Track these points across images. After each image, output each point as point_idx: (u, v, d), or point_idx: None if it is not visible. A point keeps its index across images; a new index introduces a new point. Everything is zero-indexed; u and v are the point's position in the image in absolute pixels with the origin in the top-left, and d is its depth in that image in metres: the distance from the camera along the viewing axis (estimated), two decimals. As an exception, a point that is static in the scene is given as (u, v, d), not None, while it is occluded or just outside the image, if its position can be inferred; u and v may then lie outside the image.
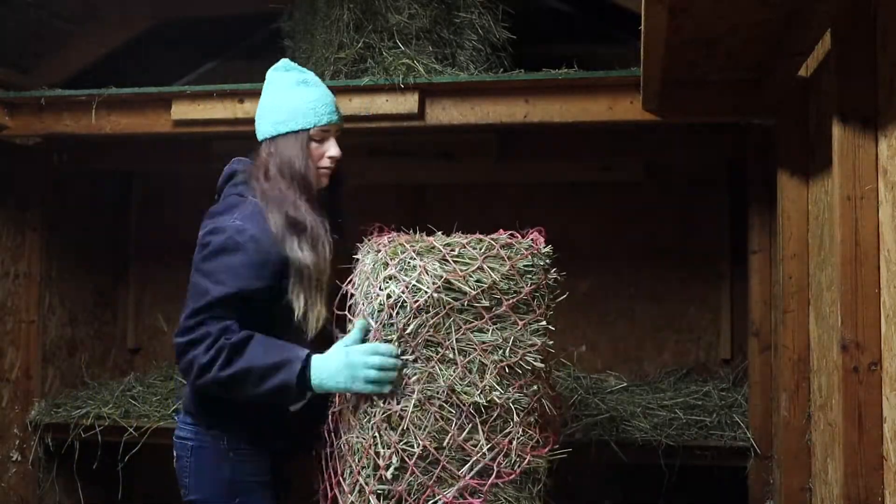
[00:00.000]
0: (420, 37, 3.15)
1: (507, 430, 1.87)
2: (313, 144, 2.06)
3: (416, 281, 1.84)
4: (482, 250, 1.90)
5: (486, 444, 1.84)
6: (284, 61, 2.18)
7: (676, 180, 3.87)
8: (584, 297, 3.93)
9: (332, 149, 2.09)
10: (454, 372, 1.84)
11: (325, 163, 2.09)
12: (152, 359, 4.23)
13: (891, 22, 1.76)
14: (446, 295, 1.84)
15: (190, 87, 3.05)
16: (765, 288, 3.05)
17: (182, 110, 3.04)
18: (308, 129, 2.05)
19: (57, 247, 3.75)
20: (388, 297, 1.85)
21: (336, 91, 2.90)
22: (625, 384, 3.70)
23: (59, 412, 3.52)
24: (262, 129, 2.10)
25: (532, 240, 2.00)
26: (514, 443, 1.87)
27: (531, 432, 1.90)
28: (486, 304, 1.86)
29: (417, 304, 1.83)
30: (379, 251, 1.95)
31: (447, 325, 1.85)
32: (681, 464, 3.10)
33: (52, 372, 3.73)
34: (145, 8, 3.77)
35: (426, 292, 1.83)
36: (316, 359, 1.88)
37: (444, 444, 1.83)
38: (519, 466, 1.87)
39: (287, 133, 2.05)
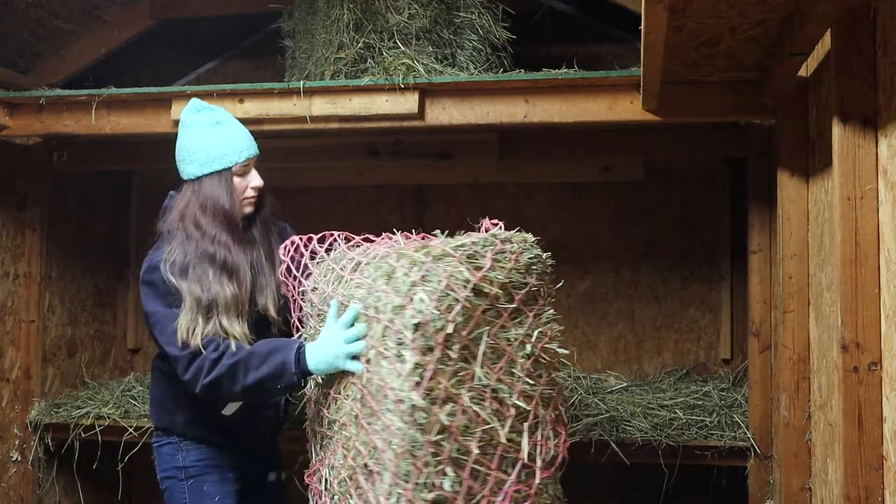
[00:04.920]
0: (420, 37, 3.15)
1: (538, 424, 1.88)
2: (236, 179, 2.26)
3: (446, 288, 1.79)
4: (489, 249, 1.88)
5: (528, 443, 1.84)
6: (195, 102, 2.32)
7: (676, 180, 3.87)
8: (584, 297, 3.94)
9: (254, 179, 2.28)
10: (491, 374, 1.82)
11: (249, 193, 2.29)
12: (152, 359, 4.23)
13: (891, 22, 1.76)
14: (475, 298, 1.81)
15: (190, 87, 3.05)
16: (765, 288, 3.05)
17: (182, 110, 3.04)
18: (230, 168, 2.23)
19: (57, 247, 3.75)
20: (420, 310, 1.77)
21: (336, 91, 2.94)
22: (625, 384, 3.70)
23: (59, 412, 3.52)
24: (187, 171, 2.28)
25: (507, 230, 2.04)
26: (551, 440, 1.89)
27: (557, 425, 1.93)
28: (505, 301, 1.86)
29: (453, 312, 1.78)
30: (372, 259, 1.95)
31: (480, 328, 1.82)
32: (681, 464, 3.10)
33: (52, 372, 3.73)
34: (145, 8, 3.78)
35: (457, 300, 1.78)
36: (308, 345, 2.04)
37: (490, 445, 1.81)
38: (557, 462, 1.90)
39: (211, 173, 2.23)
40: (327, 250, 2.22)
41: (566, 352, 1.96)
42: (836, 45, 1.92)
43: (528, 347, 1.87)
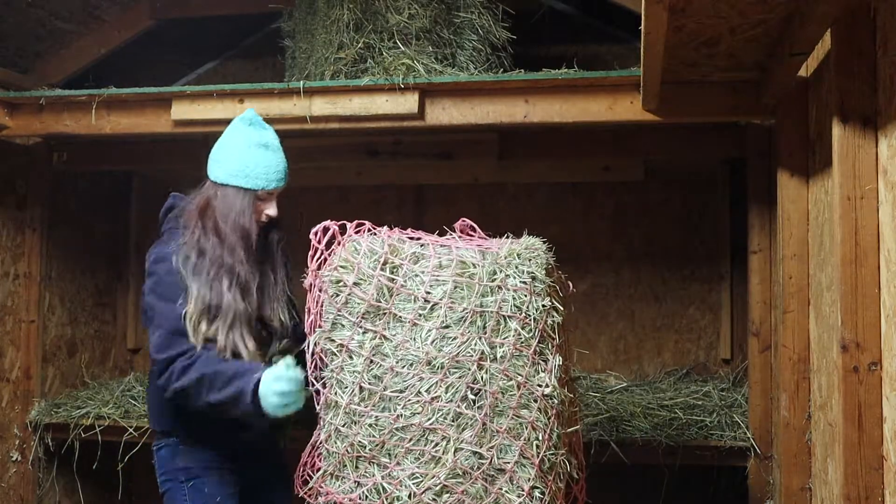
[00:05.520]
0: (420, 37, 3.15)
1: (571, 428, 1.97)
2: (256, 202, 2.27)
3: (561, 290, 1.91)
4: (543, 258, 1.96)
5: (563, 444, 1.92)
6: (252, 114, 2.32)
7: (676, 180, 3.87)
8: (584, 297, 3.93)
9: (271, 209, 2.30)
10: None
11: (262, 219, 2.30)
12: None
13: (891, 22, 1.76)
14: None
15: (190, 87, 3.05)
16: (765, 288, 3.05)
17: (182, 110, 3.04)
18: (256, 191, 2.25)
19: (57, 247, 3.75)
20: (558, 311, 1.87)
21: (336, 91, 2.94)
22: (625, 384, 3.70)
23: (59, 412, 3.52)
24: (215, 172, 2.29)
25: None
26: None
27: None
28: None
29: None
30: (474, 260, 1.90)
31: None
32: (681, 464, 3.10)
33: (52, 372, 3.73)
34: (145, 8, 3.78)
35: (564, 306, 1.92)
36: (265, 374, 2.05)
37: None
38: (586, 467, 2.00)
39: (236, 186, 2.24)
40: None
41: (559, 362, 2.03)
42: (836, 45, 1.92)
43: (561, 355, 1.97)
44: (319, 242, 1.99)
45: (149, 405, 2.42)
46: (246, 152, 2.25)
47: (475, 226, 2.05)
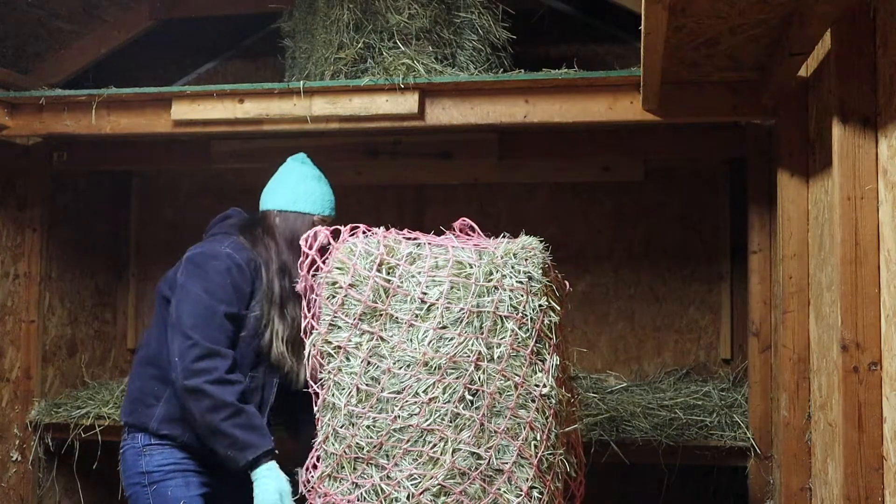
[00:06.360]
0: (420, 37, 3.15)
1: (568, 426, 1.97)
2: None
3: (558, 289, 1.94)
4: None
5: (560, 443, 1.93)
6: (303, 156, 2.55)
7: (676, 180, 3.87)
8: (584, 297, 3.93)
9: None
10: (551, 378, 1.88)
11: None
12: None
13: (890, 22, 1.76)
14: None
15: (190, 87, 3.05)
16: (765, 288, 3.05)
17: (182, 110, 3.04)
18: (314, 215, 2.45)
19: (57, 247, 3.76)
20: (555, 310, 1.89)
21: (336, 91, 2.94)
22: (625, 384, 3.70)
23: (59, 412, 3.52)
24: (276, 201, 2.47)
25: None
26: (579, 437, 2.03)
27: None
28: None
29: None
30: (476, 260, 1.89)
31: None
32: (681, 464, 3.10)
33: (52, 372, 3.73)
34: (145, 8, 3.78)
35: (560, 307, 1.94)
36: (272, 465, 2.17)
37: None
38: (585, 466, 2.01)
39: (297, 212, 2.44)
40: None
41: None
42: (836, 45, 1.92)
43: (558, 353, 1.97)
44: (310, 248, 2.04)
45: (127, 396, 2.40)
46: (303, 182, 2.47)
47: (474, 225, 2.05)
